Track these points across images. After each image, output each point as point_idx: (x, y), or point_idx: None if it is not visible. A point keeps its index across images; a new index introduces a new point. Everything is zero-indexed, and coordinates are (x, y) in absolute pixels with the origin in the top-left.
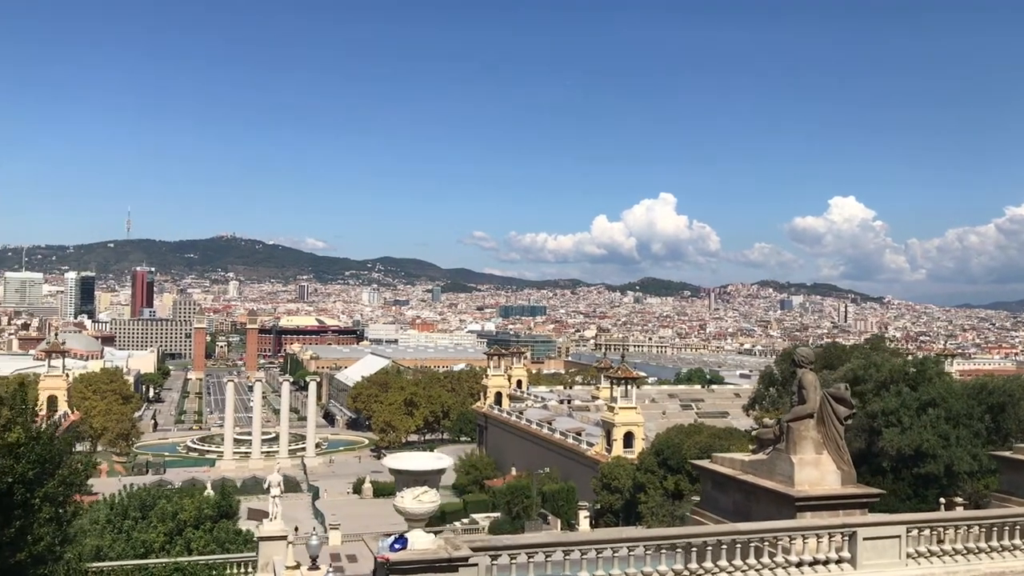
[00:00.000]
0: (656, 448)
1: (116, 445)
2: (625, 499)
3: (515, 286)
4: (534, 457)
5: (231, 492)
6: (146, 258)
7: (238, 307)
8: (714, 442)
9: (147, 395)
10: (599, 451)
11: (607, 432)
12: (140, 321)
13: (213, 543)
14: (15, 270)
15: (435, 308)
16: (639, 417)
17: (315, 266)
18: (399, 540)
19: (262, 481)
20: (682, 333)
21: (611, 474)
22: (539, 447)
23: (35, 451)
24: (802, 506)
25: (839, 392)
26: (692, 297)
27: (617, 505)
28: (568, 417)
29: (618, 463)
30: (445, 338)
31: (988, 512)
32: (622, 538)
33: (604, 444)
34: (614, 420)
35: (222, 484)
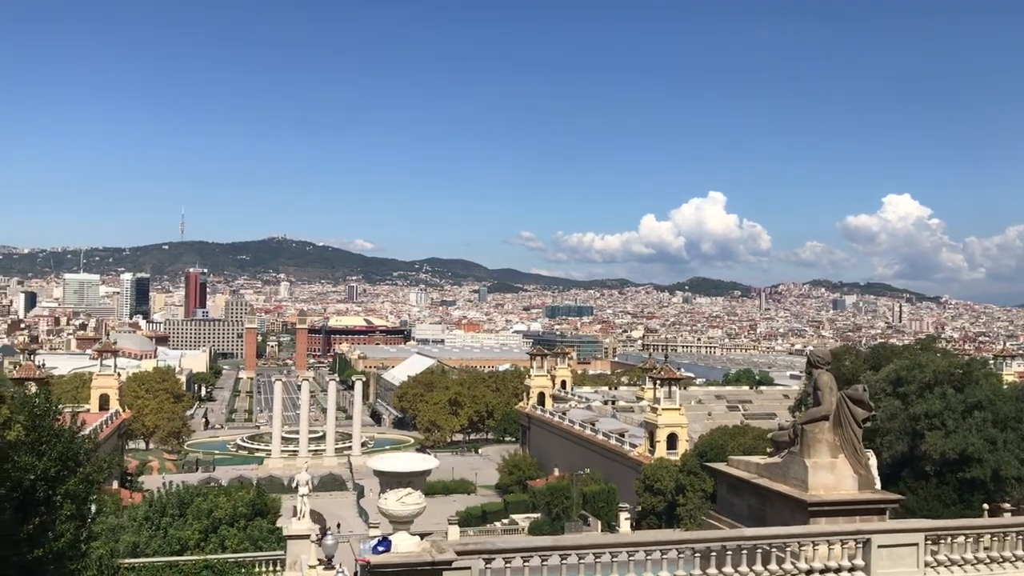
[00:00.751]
0: (699, 450)
1: (167, 443)
2: (668, 501)
3: (562, 286)
4: (577, 458)
5: (265, 491)
6: (199, 259)
7: (289, 307)
8: (758, 444)
9: (199, 394)
10: (642, 452)
11: (650, 433)
12: (193, 321)
13: (247, 541)
14: (73, 272)
15: (481, 308)
16: (683, 418)
17: (364, 267)
18: (382, 542)
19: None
20: (732, 333)
21: (654, 476)
22: (582, 448)
23: (56, 449)
24: (815, 511)
25: (857, 394)
26: (742, 297)
27: (660, 507)
28: (612, 418)
29: (661, 465)
30: (491, 338)
31: (1015, 520)
32: (621, 543)
33: (647, 445)
34: (657, 421)
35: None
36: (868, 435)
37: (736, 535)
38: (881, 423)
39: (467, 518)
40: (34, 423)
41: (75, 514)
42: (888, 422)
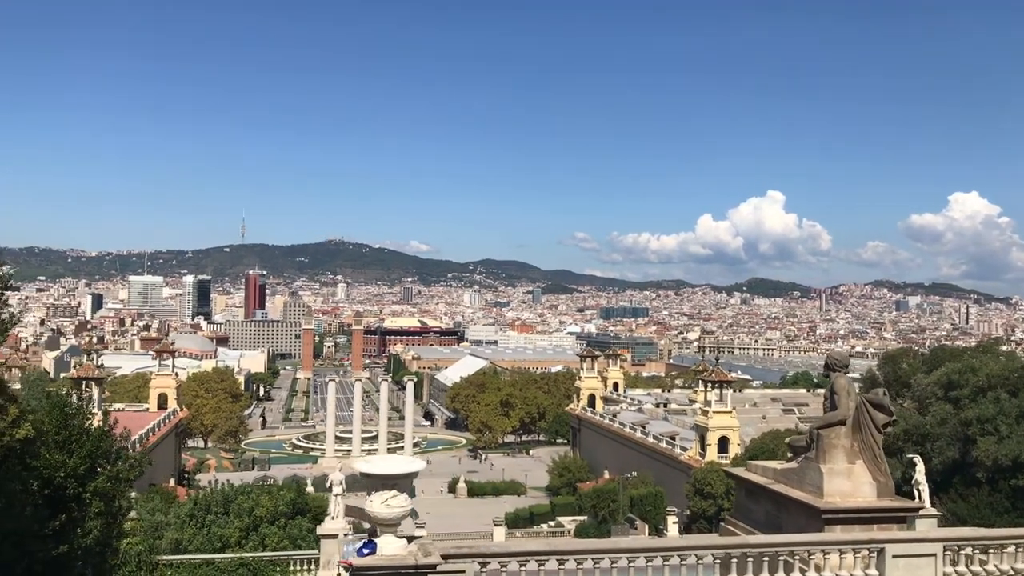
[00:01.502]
0: (750, 453)
1: (225, 442)
2: (718, 506)
3: (617, 287)
4: (627, 460)
5: (305, 490)
6: (260, 262)
7: (346, 309)
8: None
9: (257, 394)
10: (693, 456)
11: (701, 436)
12: (252, 322)
13: (286, 539)
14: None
15: (535, 310)
16: (734, 421)
17: (419, 268)
18: (367, 544)
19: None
20: (790, 335)
21: (704, 479)
22: (632, 450)
23: (85, 447)
24: (829, 519)
25: (877, 398)
26: (802, 298)
27: (711, 511)
28: (663, 421)
29: (711, 468)
30: (544, 339)
31: None
32: (620, 548)
33: (698, 448)
34: (708, 424)
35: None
36: (919, 440)
37: (740, 542)
38: (931, 428)
39: (515, 519)
40: (65, 422)
41: (104, 511)
42: (938, 427)
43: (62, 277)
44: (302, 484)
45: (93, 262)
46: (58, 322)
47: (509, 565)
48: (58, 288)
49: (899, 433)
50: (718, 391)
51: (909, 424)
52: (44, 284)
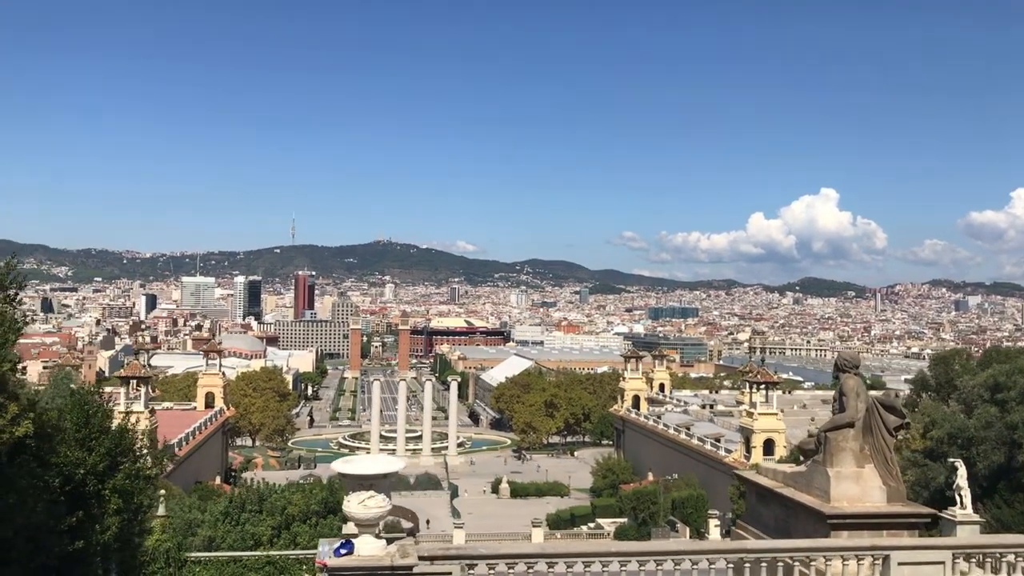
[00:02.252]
0: (795, 456)
1: (272, 440)
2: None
3: (666, 287)
4: (672, 462)
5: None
6: (309, 263)
7: (393, 309)
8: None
9: (305, 393)
10: (737, 458)
11: (746, 438)
12: (301, 322)
13: (317, 538)
14: (191, 275)
15: (582, 310)
16: (780, 423)
17: (466, 269)
18: (345, 545)
19: (406, 478)
20: (844, 336)
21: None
22: (676, 452)
23: (105, 444)
24: (836, 524)
25: (889, 400)
26: (856, 298)
27: None
28: (709, 422)
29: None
30: (591, 340)
31: None
32: (611, 552)
33: (743, 451)
34: (753, 426)
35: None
36: (964, 444)
37: (738, 547)
38: (975, 432)
39: (556, 521)
40: (86, 420)
41: (123, 508)
42: (983, 430)
43: (118, 278)
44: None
45: (147, 263)
46: (113, 322)
47: (497, 567)
48: (114, 289)
49: (943, 437)
50: (764, 392)
51: (954, 427)
52: (100, 285)
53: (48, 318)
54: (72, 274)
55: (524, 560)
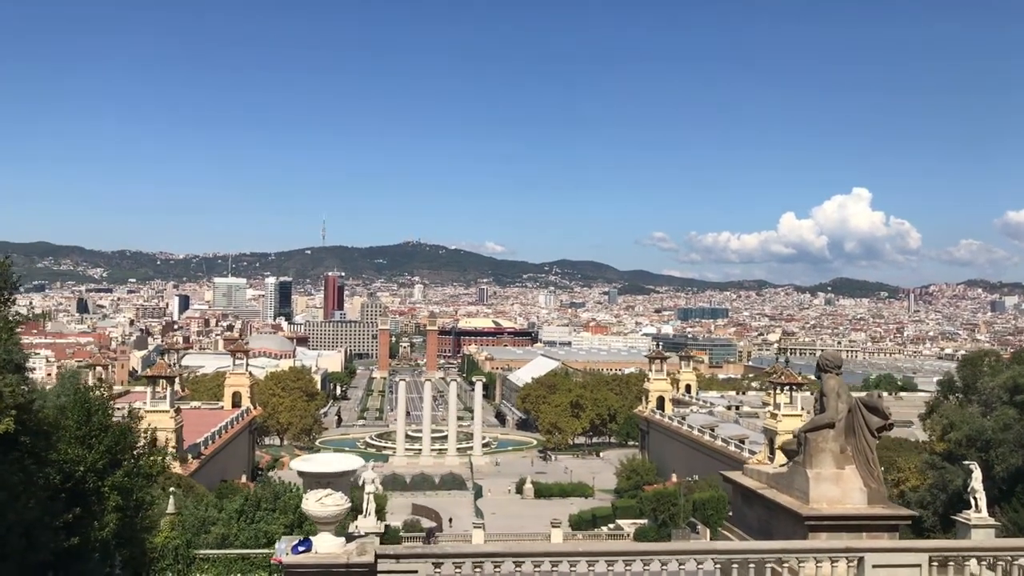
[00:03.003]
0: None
1: (300, 439)
2: None
3: (696, 288)
4: (695, 463)
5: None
6: (339, 263)
7: (422, 309)
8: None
9: (333, 393)
10: (761, 459)
11: (770, 440)
12: (331, 323)
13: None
14: (223, 276)
15: (611, 310)
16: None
17: (494, 269)
18: (303, 542)
19: (431, 478)
20: (876, 337)
21: None
22: (700, 453)
23: (104, 442)
24: (813, 525)
25: (872, 400)
26: (890, 299)
27: None
28: (734, 424)
29: None
30: (619, 340)
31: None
32: (579, 552)
33: (767, 452)
34: (777, 428)
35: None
36: (983, 447)
37: (707, 548)
38: (993, 434)
39: (578, 522)
40: (87, 418)
41: (122, 505)
42: (1001, 433)
43: (152, 279)
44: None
45: (181, 265)
46: (147, 322)
47: (463, 566)
48: (148, 290)
49: (961, 439)
50: (788, 394)
51: (972, 430)
52: (135, 286)
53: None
54: (107, 275)
55: (491, 559)
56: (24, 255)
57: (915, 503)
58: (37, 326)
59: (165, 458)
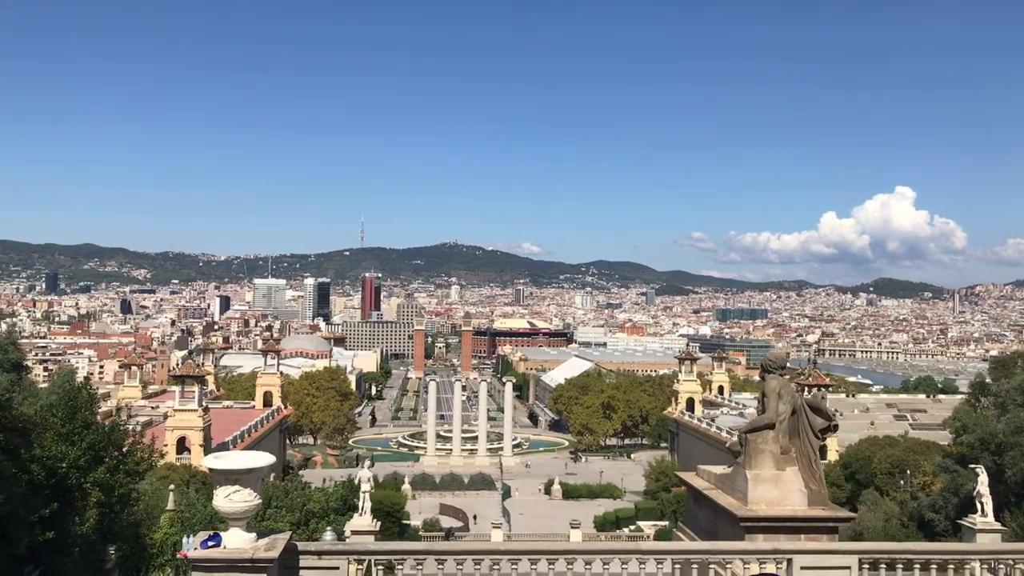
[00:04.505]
0: (844, 460)
1: (333, 439)
2: None
3: (735, 288)
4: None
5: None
6: (377, 264)
7: (459, 310)
8: (907, 456)
9: (369, 392)
10: None
11: None
12: (368, 323)
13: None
14: (264, 277)
15: (648, 311)
16: None
17: (531, 270)
18: (213, 538)
19: (460, 478)
20: (918, 338)
21: None
22: (729, 456)
23: (87, 439)
24: (750, 527)
25: (816, 401)
26: (934, 299)
27: None
28: None
29: None
30: (655, 341)
31: (967, 546)
32: (499, 551)
33: None
34: None
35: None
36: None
37: (633, 548)
38: (1004, 437)
39: (602, 523)
40: (72, 415)
41: (104, 500)
42: (1012, 436)
43: (194, 280)
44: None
45: (222, 266)
46: (188, 323)
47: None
48: (190, 291)
49: (974, 442)
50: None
51: (985, 433)
52: (177, 287)
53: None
54: (151, 276)
55: (413, 556)
56: (71, 257)
57: (927, 507)
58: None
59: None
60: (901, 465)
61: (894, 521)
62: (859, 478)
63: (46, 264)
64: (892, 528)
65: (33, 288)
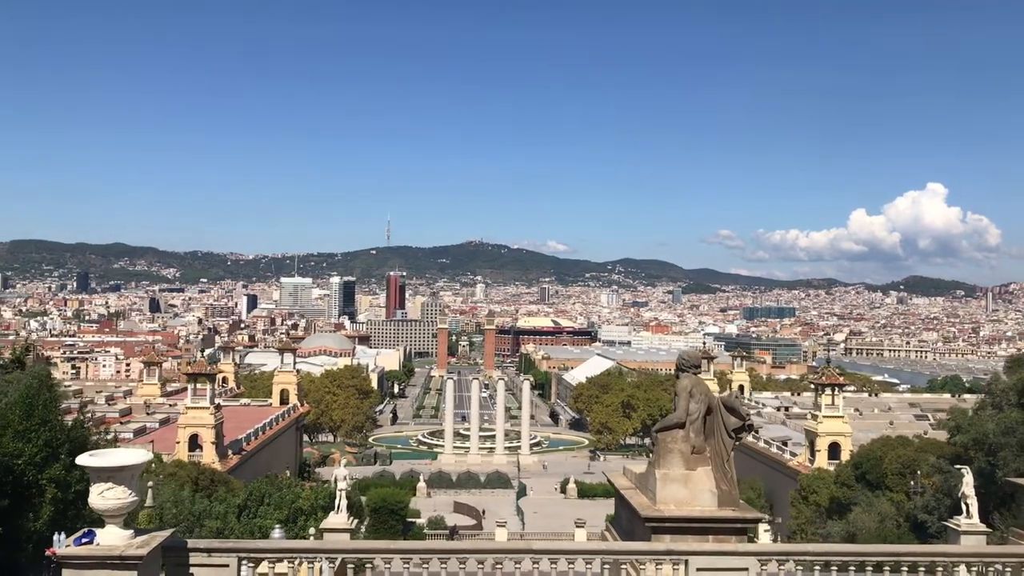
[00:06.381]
0: (855, 461)
1: (352, 436)
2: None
3: (763, 286)
4: (738, 465)
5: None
6: (403, 263)
7: (483, 308)
8: (919, 456)
9: (391, 391)
10: (801, 462)
11: (810, 442)
12: (392, 322)
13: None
14: (291, 276)
15: (675, 310)
16: (845, 426)
17: (556, 268)
18: (87, 535)
19: (477, 476)
20: (949, 337)
21: (809, 487)
22: (743, 455)
23: (43, 436)
24: (656, 528)
25: (730, 401)
26: (966, 297)
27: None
28: (781, 425)
29: (817, 476)
30: (680, 340)
31: (875, 548)
32: (391, 549)
33: (807, 454)
34: (817, 429)
35: (412, 476)
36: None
37: (525, 547)
38: (995, 438)
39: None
40: (28, 412)
41: (60, 497)
42: (1003, 436)
43: (222, 279)
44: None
45: (250, 265)
46: (215, 321)
47: (266, 559)
48: (218, 289)
49: (968, 442)
50: (830, 394)
51: (978, 433)
52: (206, 286)
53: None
54: (180, 275)
55: (303, 555)
56: (102, 256)
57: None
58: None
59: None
60: (912, 465)
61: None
62: (869, 478)
63: (77, 263)
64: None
65: (65, 287)
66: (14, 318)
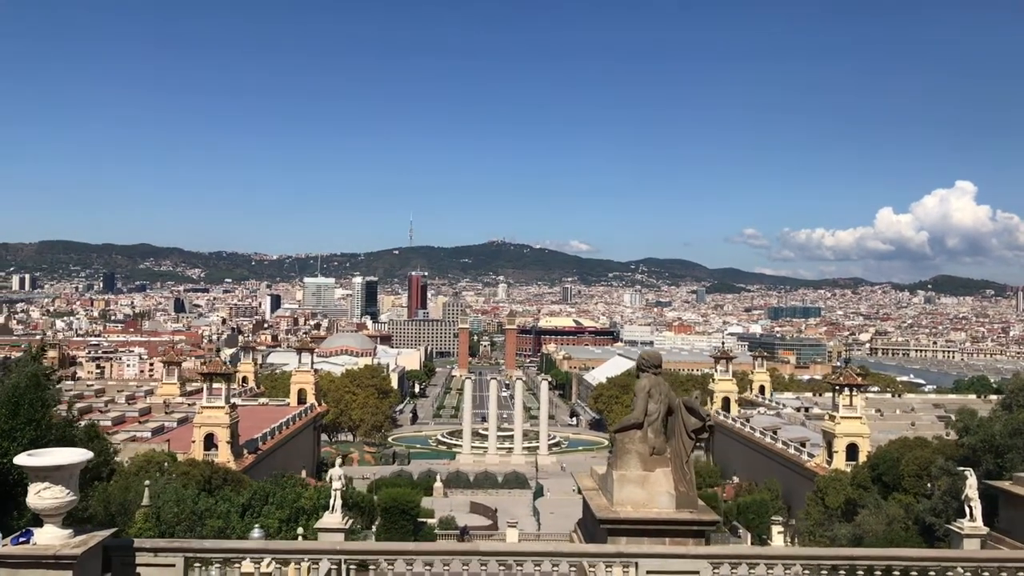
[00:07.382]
0: (872, 462)
1: (371, 436)
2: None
3: (788, 286)
4: (758, 466)
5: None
6: (426, 263)
7: (505, 308)
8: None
9: (412, 390)
10: (819, 463)
11: (828, 443)
12: (414, 322)
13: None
14: (314, 276)
15: (699, 309)
16: (863, 427)
17: (579, 268)
18: (24, 534)
19: (494, 476)
20: (977, 336)
21: (826, 488)
22: (762, 456)
23: (28, 435)
24: (611, 530)
25: (691, 402)
26: (996, 296)
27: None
28: (800, 426)
29: (834, 477)
30: (702, 340)
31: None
32: (336, 550)
33: (825, 455)
34: (835, 430)
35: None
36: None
37: (472, 548)
38: (1001, 439)
39: None
40: (15, 411)
41: None
42: (1010, 438)
43: (246, 279)
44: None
45: (274, 265)
46: (238, 321)
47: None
48: (242, 289)
49: (976, 444)
50: (847, 395)
51: (986, 434)
52: (230, 286)
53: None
54: (205, 275)
55: (250, 555)
56: (128, 256)
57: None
58: (135, 324)
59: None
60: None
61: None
62: (885, 480)
63: (104, 264)
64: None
65: (91, 287)
66: (42, 318)
